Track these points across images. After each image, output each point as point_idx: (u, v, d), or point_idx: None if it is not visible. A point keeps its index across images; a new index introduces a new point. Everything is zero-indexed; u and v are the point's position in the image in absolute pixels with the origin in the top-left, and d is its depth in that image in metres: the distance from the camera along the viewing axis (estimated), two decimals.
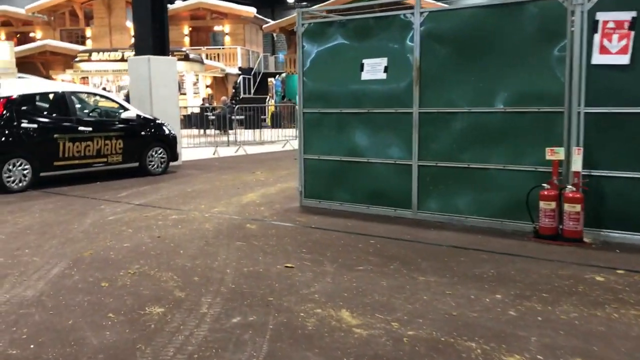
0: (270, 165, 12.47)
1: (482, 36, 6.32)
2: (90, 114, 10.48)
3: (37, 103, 9.61)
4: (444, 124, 6.64)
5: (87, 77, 28.78)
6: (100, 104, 11.32)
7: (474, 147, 6.45)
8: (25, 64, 29.15)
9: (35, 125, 9.15)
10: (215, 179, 10.43)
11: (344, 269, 4.97)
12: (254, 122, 17.99)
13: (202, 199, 8.38)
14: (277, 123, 20.13)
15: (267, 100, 28.49)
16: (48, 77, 29.08)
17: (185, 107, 23.46)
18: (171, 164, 11.37)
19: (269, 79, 31.32)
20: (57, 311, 4.05)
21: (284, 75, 30.69)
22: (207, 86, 31.15)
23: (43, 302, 4.23)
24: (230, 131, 16.96)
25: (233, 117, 17.16)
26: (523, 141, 6.13)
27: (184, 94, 29.77)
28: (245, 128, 18.17)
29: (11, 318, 3.94)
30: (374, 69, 7.07)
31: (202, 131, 19.19)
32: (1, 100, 8.90)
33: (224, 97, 24.45)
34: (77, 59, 28.49)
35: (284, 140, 17.58)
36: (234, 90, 28.17)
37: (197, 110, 22.23)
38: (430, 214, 6.83)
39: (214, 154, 14.81)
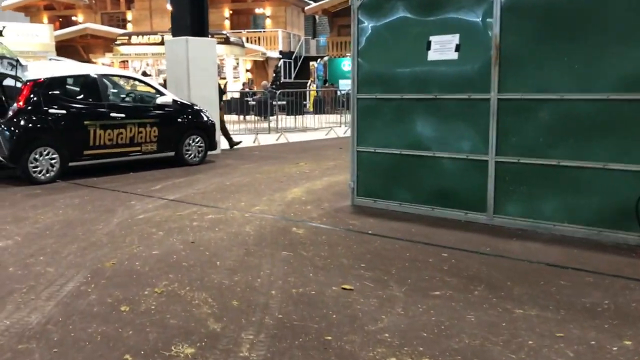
0: (314, 155, 11.56)
1: (580, 6, 5.22)
2: (124, 99, 9.72)
3: (66, 87, 8.88)
4: (529, 113, 5.58)
5: (127, 61, 28.36)
6: (134, 88, 10.56)
7: (566, 141, 5.38)
8: (67, 48, 28.92)
9: (64, 111, 8.43)
10: (256, 171, 9.58)
11: (417, 294, 4.01)
12: (295, 107, 17.10)
13: (241, 195, 7.52)
14: (319, 109, 19.18)
15: (308, 84, 27.56)
16: (88, 60, 28.79)
17: (225, 92, 22.73)
18: (209, 153, 10.56)
19: (311, 63, 30.34)
20: (62, 349, 3.23)
21: (326, 59, 29.67)
22: (247, 70, 30.41)
23: (48, 332, 3.42)
24: (271, 117, 16.11)
25: (274, 103, 16.29)
26: (631, 135, 5.03)
27: (224, 78, 29.12)
28: (287, 114, 17.28)
29: (5, 357, 3.13)
30: (443, 47, 6.04)
31: (242, 117, 18.40)
32: (28, 83, 8.19)
33: (264, 82, 23.62)
34: (117, 42, 28.06)
35: (327, 127, 16.64)
36: (274, 75, 27.31)
37: (237, 95, 21.48)
38: (509, 220, 5.81)
39: (254, 141, 13.98)
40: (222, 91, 12.60)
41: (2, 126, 8.04)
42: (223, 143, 12.26)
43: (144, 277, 4.36)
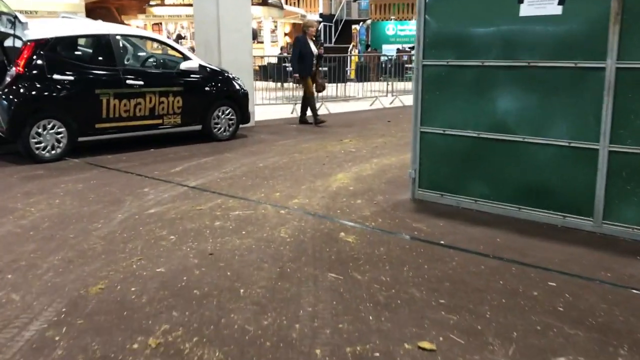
0: (360, 130, 10.16)
1: None
2: (142, 64, 8.49)
3: (74, 49, 7.70)
4: None
5: (160, 23, 27.18)
6: (155, 51, 9.30)
7: None
8: (100, 9, 27.83)
9: (71, 77, 7.23)
10: (294, 149, 8.27)
11: None
12: (337, 75, 15.63)
13: (276, 181, 6.24)
14: (362, 76, 17.65)
15: (349, 50, 25.94)
16: (121, 22, 27.72)
17: (262, 57, 21.38)
18: (241, 126, 9.28)
19: (353, 27, 28.62)
20: None
21: (369, 22, 27.90)
22: (285, 34, 28.92)
23: None
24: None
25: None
26: None
27: (261, 42, 27.73)
28: (328, 82, 15.82)
29: None
30: (540, 0, 4.57)
31: (279, 84, 17.04)
32: (29, 44, 7.00)
33: None
34: (150, 4, 26.87)
35: (372, 97, 15.15)
36: (315, 38, 25.72)
37: (274, 60, 20.09)
38: (624, 228, 4.39)
39: (292, 112, 12.64)
40: (319, 56, 10.92)
41: (0, 94, 6.90)
42: (258, 113, 10.95)
43: (138, 316, 3.14)
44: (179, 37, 26.76)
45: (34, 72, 6.99)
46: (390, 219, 4.92)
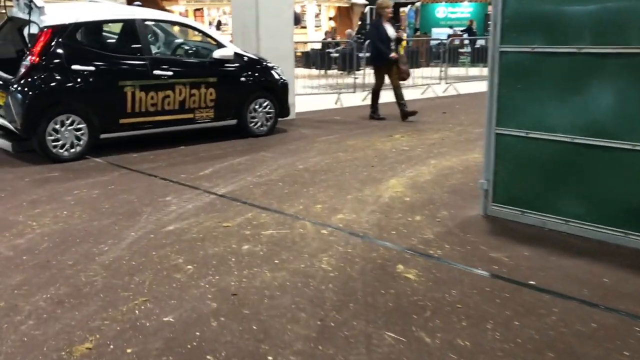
0: (412, 123, 9.14)
1: None
2: (172, 52, 7.70)
3: (96, 36, 6.96)
4: None
5: (202, 9, 26.54)
6: (186, 38, 8.49)
7: None
8: None
9: (92, 68, 6.47)
10: (338, 146, 7.35)
11: None
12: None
13: (318, 188, 5.35)
14: (412, 62, 16.47)
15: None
16: (162, 9, 27.21)
17: (305, 43, 20.46)
18: (280, 120, 8.40)
19: (401, 9, 27.33)
20: None
21: (418, 4, 26.56)
22: (330, 18, 27.90)
23: None
24: (357, 73, 13.69)
25: (360, 55, 13.85)
26: None
27: (304, 27, 26.79)
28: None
29: None
30: None
31: (322, 71, 16.10)
32: (45, 30, 6.27)
33: (349, 30, 21.10)
34: None
35: (424, 84, 14.04)
36: (360, 22, 24.61)
37: (317, 46, 19.17)
38: None
39: (336, 102, 11.70)
40: (398, 39, 9.45)
41: (14, 86, 6.21)
42: (299, 104, 10.05)
43: None
44: (220, 24, 26.07)
45: (51, 61, 6.27)
46: (460, 244, 3.97)
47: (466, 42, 21.33)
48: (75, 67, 6.36)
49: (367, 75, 13.37)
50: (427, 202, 4.93)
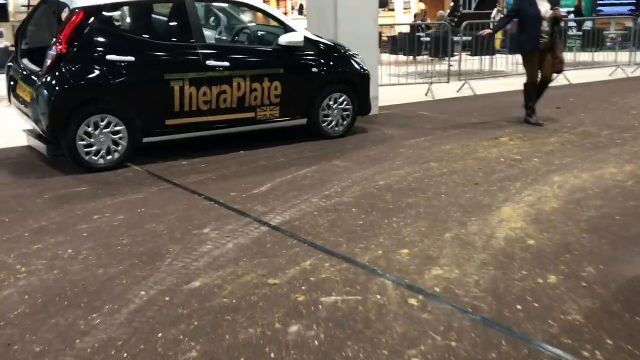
0: (520, 122, 7.47)
1: None
2: (230, 39, 6.51)
3: (137, 19, 5.86)
4: None
5: None
6: (246, 21, 7.28)
7: None
8: None
9: (132, 58, 5.38)
10: (430, 153, 5.90)
11: None
12: (483, 46, 12.80)
13: (403, 219, 3.98)
14: (514, 47, 14.53)
15: (493, 16, 22.53)
16: None
17: (392, 26, 18.87)
18: (359, 118, 7.03)
19: None
20: None
21: None
22: (420, 0, 26.00)
23: None
24: (451, 59, 12.04)
25: (456, 39, 12.19)
26: None
27: (392, 9, 25.12)
28: (472, 54, 13.07)
29: None
30: None
31: (411, 57, 14.50)
32: (76, 12, 5.22)
33: (441, 12, 19.29)
34: None
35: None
36: (453, 4, 22.66)
37: (406, 29, 17.55)
38: None
39: (426, 94, 10.15)
40: (555, 20, 7.03)
41: (40, 81, 5.22)
42: (383, 95, 8.62)
43: None
44: (302, 8, 24.89)
45: (83, 51, 5.21)
46: (628, 336, 2.48)
47: (572, 24, 19.00)
48: (111, 57, 5.29)
49: (464, 62, 11.70)
50: (560, 249, 3.44)
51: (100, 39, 5.29)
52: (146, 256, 3.47)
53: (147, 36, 5.73)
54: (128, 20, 5.82)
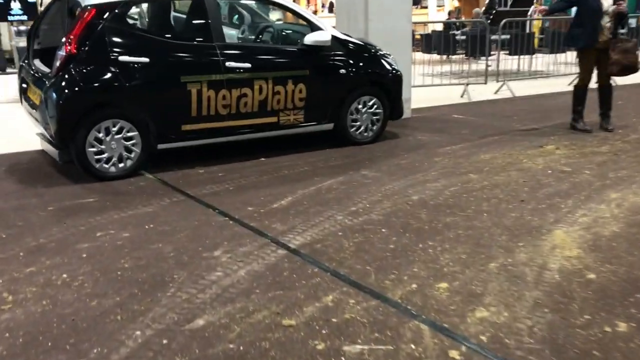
0: (565, 126, 6.89)
1: None
2: (251, 38, 6.09)
3: (152, 18, 5.48)
4: None
5: None
6: (269, 18, 6.85)
7: None
8: None
9: (146, 59, 5.00)
10: (468, 162, 5.39)
11: None
12: (523, 44, 12.15)
13: (440, 244, 3.50)
14: (554, 46, 13.84)
15: (529, 13, 21.69)
16: None
17: (425, 24, 18.25)
18: (390, 122, 6.54)
19: None
20: None
21: None
22: None
23: None
24: (487, 59, 11.43)
25: (494, 37, 11.56)
26: None
27: (425, 7, 24.47)
28: (509, 53, 12.42)
29: None
30: None
31: (445, 57, 13.91)
32: (87, 10, 4.86)
33: (476, 9, 18.61)
34: None
35: (571, 73, 11.45)
36: (488, 1, 21.92)
37: (439, 27, 16.97)
38: None
39: (462, 95, 9.60)
40: (619, 15, 6.30)
41: (49, 82, 4.88)
42: (416, 97, 8.11)
43: None
44: (333, 6, 24.41)
45: (94, 51, 4.85)
46: None
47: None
48: (124, 58, 4.91)
49: (501, 61, 11.10)
50: (628, 286, 2.92)
51: (113, 39, 4.92)
52: (147, 284, 3.07)
53: (163, 36, 5.35)
54: (142, 18, 5.44)
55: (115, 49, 4.91)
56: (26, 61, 5.76)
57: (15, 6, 11.50)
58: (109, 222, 4.03)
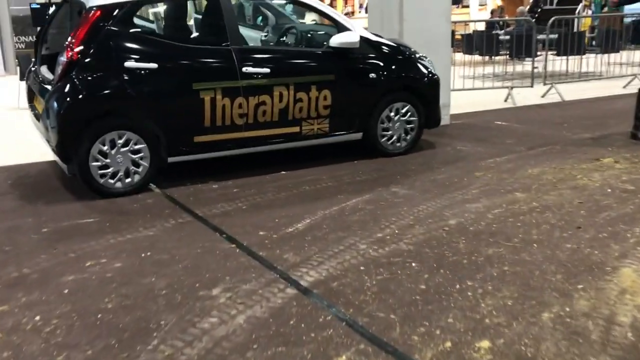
0: (622, 135, 6.15)
1: None
2: (272, 40, 5.60)
3: (162, 20, 5.04)
4: None
5: None
6: (289, 18, 6.35)
7: None
8: None
9: (154, 65, 4.55)
10: (513, 178, 4.77)
11: None
12: (573, 44, 11.32)
13: (481, 284, 2.92)
14: (607, 45, 12.91)
15: (577, 10, 20.62)
16: None
17: (466, 23, 17.49)
18: (426, 130, 5.96)
19: None
20: None
21: None
22: None
23: None
24: (533, 60, 10.66)
25: (541, 37, 10.79)
26: None
27: (467, 5, 23.63)
28: (558, 54, 11.60)
29: None
30: None
31: (487, 58, 13.16)
32: (91, 11, 4.45)
33: (520, 8, 17.74)
34: None
35: (628, 75, 10.57)
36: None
37: (481, 26, 16.21)
38: None
39: (505, 100, 8.91)
40: None
41: (51, 90, 4.49)
42: (456, 101, 7.48)
43: None
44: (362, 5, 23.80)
45: (98, 57, 4.43)
46: None
47: None
48: (131, 64, 4.48)
49: (549, 62, 10.33)
50: None
51: (119, 43, 4.50)
52: (128, 332, 2.59)
53: (173, 39, 4.88)
54: (151, 20, 5.01)
55: (121, 54, 4.48)
56: (34, 68, 5.41)
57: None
58: (104, 248, 3.58)
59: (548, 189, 4.45)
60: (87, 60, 4.40)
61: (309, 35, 5.71)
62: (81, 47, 4.36)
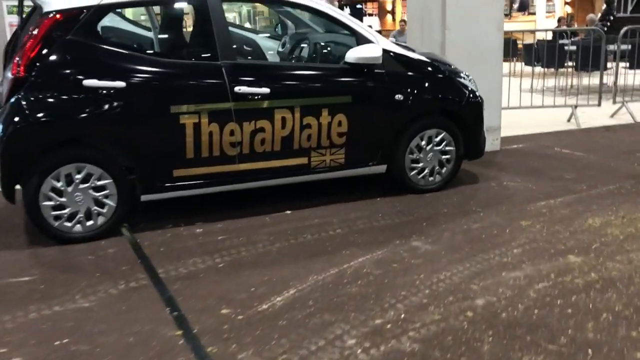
0: None
1: None
2: (275, 52, 4.71)
3: (134, 29, 4.23)
4: None
5: None
6: (297, 27, 5.46)
7: None
8: None
9: (122, 84, 3.73)
10: (568, 232, 3.69)
11: None
12: None
13: None
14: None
15: None
16: None
17: (532, 32, 16.08)
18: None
19: None
20: None
21: None
22: (566, 3, 22.75)
23: None
24: (602, 73, 9.32)
25: (612, 47, 9.47)
26: None
27: (533, 13, 22.10)
28: (630, 67, 10.20)
29: None
30: None
31: (550, 70, 11.83)
32: (46, 18, 3.68)
33: (590, 16, 16.21)
34: None
35: None
36: (606, 6, 19.31)
37: (548, 36, 14.81)
38: None
39: (569, 120, 7.70)
40: None
41: None
42: (509, 120, 6.35)
43: None
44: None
45: (50, 73, 3.65)
46: None
47: None
48: (90, 82, 3.68)
49: (620, 77, 9.00)
50: None
51: (79, 56, 3.71)
52: None
53: (147, 52, 4.07)
54: (120, 28, 4.23)
55: (81, 70, 3.68)
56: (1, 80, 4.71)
57: None
58: (16, 327, 2.77)
59: (613, 250, 3.37)
60: (38, 77, 3.62)
61: (325, 47, 4.77)
62: (30, 62, 3.59)
